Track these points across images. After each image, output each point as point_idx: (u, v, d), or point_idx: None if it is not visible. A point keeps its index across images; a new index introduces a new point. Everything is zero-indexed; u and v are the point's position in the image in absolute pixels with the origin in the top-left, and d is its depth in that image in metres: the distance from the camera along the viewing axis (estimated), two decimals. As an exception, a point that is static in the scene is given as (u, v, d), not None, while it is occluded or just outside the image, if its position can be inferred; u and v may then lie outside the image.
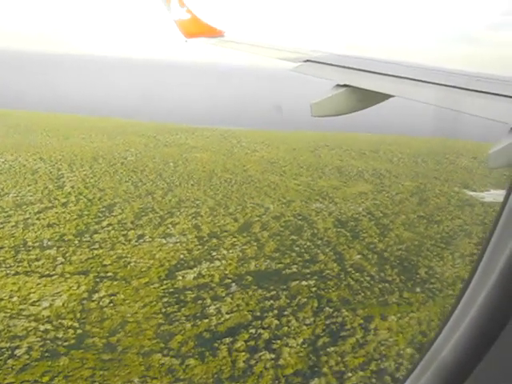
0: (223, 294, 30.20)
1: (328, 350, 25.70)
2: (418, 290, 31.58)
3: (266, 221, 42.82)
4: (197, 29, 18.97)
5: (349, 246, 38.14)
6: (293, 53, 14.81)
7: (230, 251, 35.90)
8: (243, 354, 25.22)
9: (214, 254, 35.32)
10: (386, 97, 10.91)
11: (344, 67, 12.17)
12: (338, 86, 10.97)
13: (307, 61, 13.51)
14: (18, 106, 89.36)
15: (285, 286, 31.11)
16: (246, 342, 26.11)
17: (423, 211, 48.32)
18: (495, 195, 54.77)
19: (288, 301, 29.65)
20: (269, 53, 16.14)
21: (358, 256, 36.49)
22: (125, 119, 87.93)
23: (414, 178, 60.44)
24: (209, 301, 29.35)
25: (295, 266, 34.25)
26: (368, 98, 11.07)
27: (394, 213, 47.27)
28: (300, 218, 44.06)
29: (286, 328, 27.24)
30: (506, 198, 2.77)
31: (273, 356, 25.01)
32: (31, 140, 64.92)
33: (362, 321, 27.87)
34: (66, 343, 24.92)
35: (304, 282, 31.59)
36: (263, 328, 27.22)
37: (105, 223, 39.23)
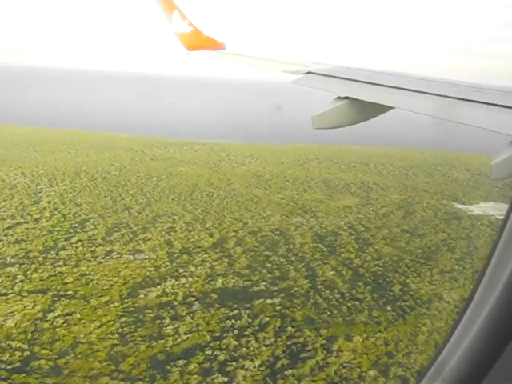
0: (184, 313, 29.07)
1: (286, 372, 24.48)
2: (388, 308, 30.33)
3: (242, 236, 41.75)
4: (198, 41, 18.58)
5: (323, 262, 36.95)
6: (294, 65, 14.67)
7: (199, 268, 34.81)
8: (195, 377, 24.08)
9: (182, 270, 34.23)
10: (387, 108, 10.85)
11: (345, 79, 12.10)
12: (339, 98, 10.92)
13: (309, 73, 13.40)
14: (7, 120, 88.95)
15: (249, 305, 29.92)
16: (200, 364, 24.93)
17: (407, 225, 47.13)
18: (484, 208, 53.55)
19: (250, 320, 28.49)
20: (270, 65, 16.00)
21: (332, 272, 35.30)
22: (115, 133, 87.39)
23: (402, 190, 59.28)
24: (168, 320, 28.21)
25: (264, 283, 33.10)
26: (369, 110, 11.04)
27: (377, 227, 46.08)
28: (278, 232, 42.95)
29: (244, 349, 26.05)
30: (509, 212, 2.81)
31: (226, 379, 23.83)
32: (16, 155, 64.33)
33: (324, 341, 26.64)
34: (9, 366, 23.86)
35: (269, 301, 30.42)
36: (221, 349, 26.03)
37: (74, 239, 38.26)
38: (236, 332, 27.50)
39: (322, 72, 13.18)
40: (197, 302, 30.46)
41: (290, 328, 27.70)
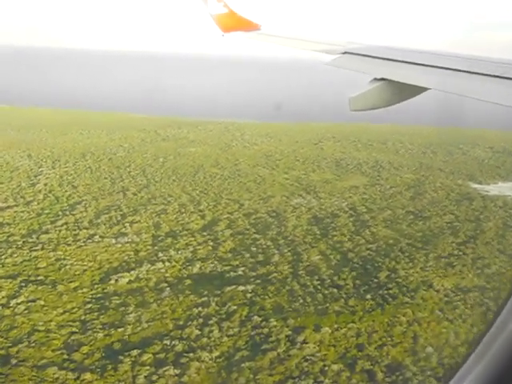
0: (151, 300, 27.99)
1: (243, 365, 23.10)
2: (368, 296, 28.47)
3: (236, 218, 40.36)
4: (234, 23, 19.03)
5: (312, 246, 35.24)
6: (329, 45, 14.94)
7: (180, 252, 33.66)
8: (147, 368, 22.98)
9: (161, 255, 33.15)
10: (423, 89, 10.76)
11: (381, 58, 12.17)
12: (376, 79, 10.97)
13: (345, 53, 13.50)
14: (23, 103, 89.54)
15: (219, 292, 28.55)
16: (155, 354, 23.82)
17: (414, 206, 44.74)
18: (502, 188, 50.56)
19: (217, 308, 27.19)
20: (305, 45, 16.30)
21: (318, 257, 33.59)
22: (130, 114, 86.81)
23: (416, 170, 56.57)
24: (132, 307, 27.17)
25: (243, 268, 31.70)
26: (405, 91, 11.03)
27: (380, 208, 43.90)
28: (273, 214, 41.38)
29: (205, 339, 24.80)
30: None
31: (178, 372, 22.62)
32: (26, 137, 64.45)
33: (290, 332, 25.09)
34: (-42, 355, 23.24)
35: (241, 287, 29.02)
36: (181, 339, 24.87)
37: (60, 222, 37.68)
38: (201, 321, 26.28)
39: (357, 51, 13.34)
40: (168, 289, 29.34)
41: (256, 317, 26.27)
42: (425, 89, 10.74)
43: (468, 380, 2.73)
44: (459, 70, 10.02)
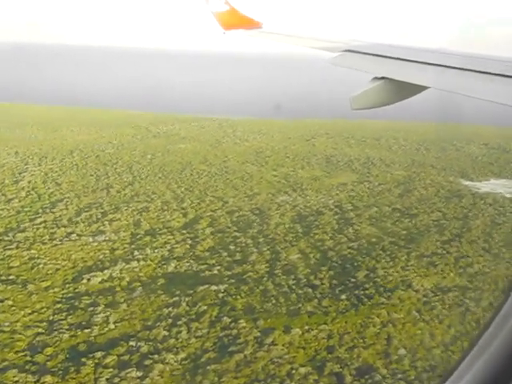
0: (122, 300, 27.44)
1: (208, 367, 22.51)
2: (343, 296, 27.81)
3: (218, 216, 39.76)
4: (235, 21, 19.05)
5: (292, 244, 34.60)
6: (331, 43, 14.99)
7: (157, 250, 33.09)
8: (110, 370, 22.43)
9: (137, 253, 32.59)
10: (424, 88, 10.82)
11: (382, 57, 12.17)
12: (376, 78, 11.02)
13: (347, 51, 13.51)
14: (19, 99, 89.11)
15: (191, 291, 27.97)
16: (119, 356, 23.27)
17: (401, 203, 44.01)
18: (494, 185, 49.73)
19: (188, 308, 26.61)
20: (307, 43, 16.42)
21: (297, 256, 32.94)
22: (127, 111, 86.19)
23: (408, 166, 55.78)
24: (101, 308, 26.62)
25: (219, 267, 31.09)
26: (406, 90, 11.09)
27: (367, 205, 43.18)
28: (257, 212, 40.74)
29: (172, 340, 24.23)
30: None
31: (140, 374, 22.05)
32: (17, 134, 64.01)
33: (259, 333, 24.47)
34: None
35: (214, 287, 28.41)
36: (147, 340, 24.30)
37: (39, 220, 37.16)
38: (170, 321, 25.72)
39: (358, 49, 13.28)
40: (140, 288, 28.79)
41: (226, 318, 25.67)
42: (425, 87, 10.79)
43: (466, 378, 2.72)
44: (460, 68, 9.97)
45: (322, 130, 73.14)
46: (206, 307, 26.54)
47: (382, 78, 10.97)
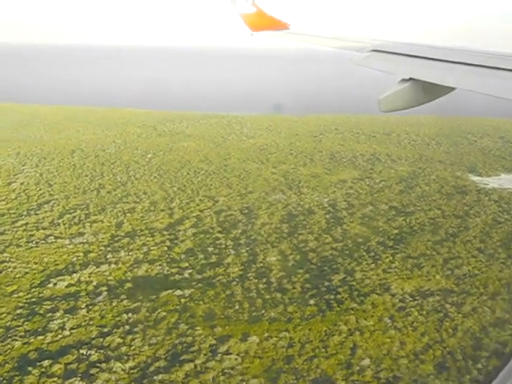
0: (83, 306, 26.57)
1: (155, 377, 21.42)
2: (311, 302, 26.33)
3: (205, 216, 38.69)
4: (262, 22, 19.18)
5: (273, 245, 33.26)
6: (358, 43, 15.25)
7: (131, 253, 32.19)
8: (54, 380, 21.58)
9: (110, 256, 31.72)
10: (452, 89, 10.85)
11: (408, 56, 12.35)
12: (404, 80, 11.05)
13: (373, 51, 13.83)
14: (28, 100, 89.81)
15: (154, 296, 26.92)
16: (67, 365, 22.38)
17: (399, 201, 42.14)
18: (503, 181, 47.41)
19: (147, 314, 25.55)
20: (334, 43, 16.67)
21: (275, 258, 31.59)
22: (137, 110, 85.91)
23: (414, 162, 53.65)
24: (60, 313, 25.80)
25: (190, 270, 30.01)
26: (434, 91, 11.07)
27: (363, 203, 41.47)
28: (246, 211, 39.53)
29: (124, 348, 23.23)
30: None
31: (83, 384, 21.07)
32: (22, 135, 64.26)
33: (214, 341, 23.24)
34: None
35: (178, 292, 27.28)
36: (100, 348, 23.36)
37: (20, 223, 36.73)
38: (127, 328, 24.72)
39: (384, 49, 13.59)
40: (105, 293, 27.86)
41: (183, 325, 24.50)
42: (452, 88, 10.75)
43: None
44: (485, 66, 9.99)
45: (333, 125, 71.32)
46: (165, 313, 25.42)
47: (410, 79, 10.94)
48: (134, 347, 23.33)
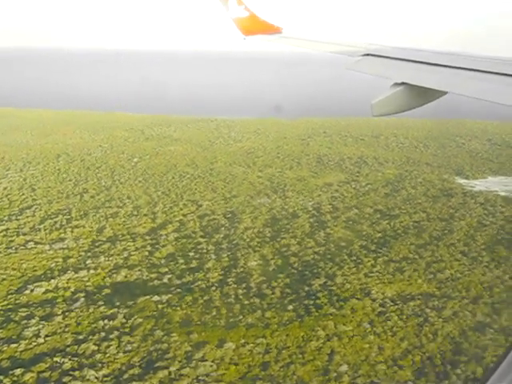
0: (59, 312, 26.18)
1: (128, 385, 21.03)
2: (290, 307, 26.02)
3: (188, 220, 38.36)
4: (255, 26, 19.22)
5: (255, 250, 32.95)
6: (350, 47, 15.13)
7: (111, 258, 31.81)
8: (25, 389, 21.10)
9: (90, 262, 31.34)
10: (444, 93, 10.85)
11: (401, 60, 12.29)
12: (396, 84, 11.02)
13: (366, 55, 13.71)
14: (19, 104, 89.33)
15: (132, 302, 26.57)
16: (39, 373, 22.01)
17: (385, 204, 41.92)
18: (490, 183, 47.22)
19: (124, 321, 25.19)
20: (327, 48, 16.64)
21: (256, 262, 31.28)
22: (127, 114, 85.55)
23: (401, 165, 53.50)
24: (35, 320, 25.40)
25: (170, 276, 29.65)
26: (426, 95, 11.08)
27: (348, 207, 41.23)
28: (229, 216, 39.20)
29: (99, 355, 22.85)
30: None
31: (54, 393, 20.69)
32: (10, 139, 63.76)
33: (190, 348, 22.90)
34: None
35: (156, 298, 26.93)
36: (74, 355, 22.99)
37: (1, 228, 36.40)
38: (103, 335, 24.34)
39: (377, 53, 13.48)
40: (83, 299, 27.46)
41: (159, 331, 24.14)
42: (445, 92, 10.73)
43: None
44: (480, 71, 9.98)
45: (321, 129, 71.16)
46: (141, 320, 25.06)
47: (402, 83, 10.88)
48: (108, 354, 22.96)
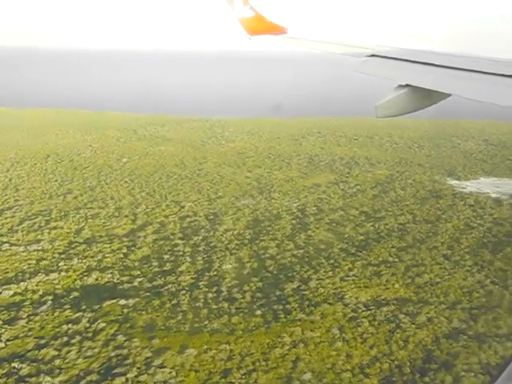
0: (24, 316, 25.63)
1: (84, 393, 20.43)
2: (258, 312, 25.36)
3: (169, 222, 37.79)
4: (260, 26, 19.15)
5: (232, 253, 32.29)
6: (357, 48, 15.02)
7: (85, 260, 31.27)
8: (-22, 396, 20.57)
9: (62, 264, 30.82)
10: (448, 95, 10.74)
11: (406, 62, 12.23)
12: (400, 86, 10.99)
13: (372, 56, 13.63)
14: (20, 104, 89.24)
15: (98, 306, 25.99)
16: (-5, 379, 21.39)
17: (371, 206, 41.15)
18: (482, 184, 46.33)
19: (88, 325, 24.60)
20: (333, 48, 16.45)
21: (231, 265, 30.63)
22: (124, 113, 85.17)
23: (393, 165, 52.65)
24: (-2, 324, 24.83)
25: (141, 279, 29.07)
26: (430, 97, 11.04)
27: (333, 209, 40.49)
28: (211, 217, 38.56)
29: (58, 361, 22.31)
30: None
31: (7, 401, 20.13)
32: (3, 139, 63.45)
33: (150, 354, 22.28)
34: None
35: (123, 301, 26.35)
36: (33, 361, 22.46)
37: (-22, 229, 35.79)
38: (65, 339, 23.77)
39: (383, 55, 13.40)
40: (50, 302, 26.92)
41: (121, 336, 23.54)
42: (449, 94, 10.64)
43: None
44: (484, 73, 9.93)
45: (316, 128, 70.39)
46: (105, 324, 24.46)
47: (407, 85, 10.86)
48: (68, 360, 22.41)
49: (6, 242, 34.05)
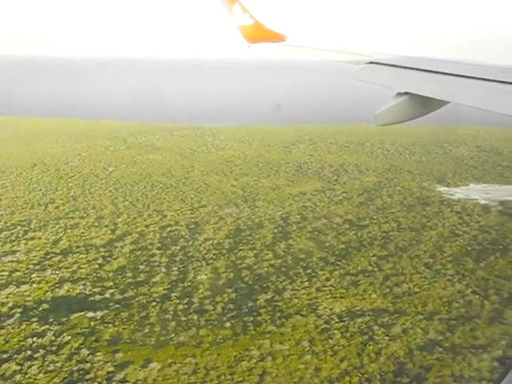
0: (-11, 329, 25.03)
1: (40, 409, 19.83)
2: (227, 324, 24.73)
3: (149, 231, 37.27)
4: (260, 34, 19.17)
5: (208, 263, 31.71)
6: (356, 55, 14.95)
7: (58, 272, 30.75)
8: None
9: (35, 275, 30.28)
10: (447, 102, 10.72)
11: (405, 69, 12.16)
12: (400, 94, 10.95)
13: (371, 63, 13.56)
14: (12, 112, 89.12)
15: (65, 319, 25.41)
16: (-49, 396, 20.81)
17: (356, 214, 40.51)
18: (471, 191, 45.68)
19: (53, 338, 24.03)
20: (331, 56, 16.36)
21: (206, 276, 30.04)
22: (117, 122, 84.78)
23: (382, 172, 52.04)
24: (-39, 338, 24.26)
25: (113, 290, 28.51)
26: (430, 104, 11.00)
27: (317, 217, 39.90)
28: (192, 227, 38.02)
29: (19, 376, 21.74)
30: None
31: (-39, 418, 19.53)
32: (-8, 149, 63.13)
33: (112, 368, 21.67)
34: None
35: (91, 314, 25.77)
36: (-7, 376, 21.78)
37: (-47, 241, 35.31)
38: (28, 353, 23.19)
39: (382, 62, 13.31)
40: (18, 315, 26.37)
41: (85, 350, 22.94)
42: (448, 101, 10.66)
43: None
44: (483, 79, 9.86)
45: (307, 136, 69.85)
46: (70, 337, 23.88)
47: (406, 93, 10.82)
48: (29, 375, 21.84)
49: (-20, 254, 33.49)
